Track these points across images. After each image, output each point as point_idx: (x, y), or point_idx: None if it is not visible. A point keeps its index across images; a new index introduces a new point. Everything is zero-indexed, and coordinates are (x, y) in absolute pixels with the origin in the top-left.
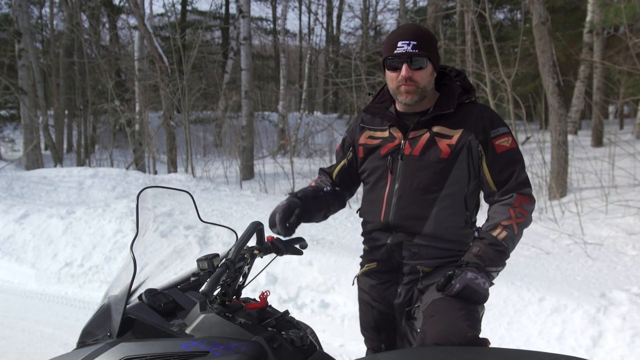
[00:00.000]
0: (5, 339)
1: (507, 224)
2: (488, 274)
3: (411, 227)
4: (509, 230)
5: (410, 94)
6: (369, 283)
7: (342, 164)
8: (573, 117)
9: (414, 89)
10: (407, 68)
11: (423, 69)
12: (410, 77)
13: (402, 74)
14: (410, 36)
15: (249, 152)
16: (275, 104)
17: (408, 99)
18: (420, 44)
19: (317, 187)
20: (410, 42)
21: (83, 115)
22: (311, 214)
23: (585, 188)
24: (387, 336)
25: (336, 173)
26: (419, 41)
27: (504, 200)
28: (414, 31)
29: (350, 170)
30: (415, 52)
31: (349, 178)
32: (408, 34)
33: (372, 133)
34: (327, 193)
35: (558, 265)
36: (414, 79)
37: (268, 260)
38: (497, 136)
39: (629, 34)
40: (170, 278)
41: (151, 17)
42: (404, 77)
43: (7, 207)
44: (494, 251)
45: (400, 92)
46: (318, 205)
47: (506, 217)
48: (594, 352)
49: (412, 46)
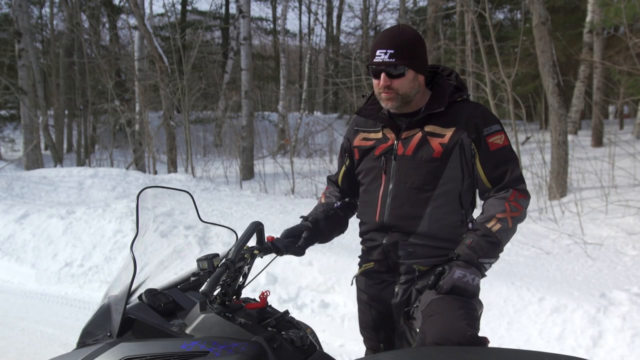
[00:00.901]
0: (5, 339)
1: (502, 217)
2: (480, 266)
3: (406, 226)
4: (503, 223)
5: (391, 101)
6: (367, 283)
7: (343, 169)
8: (573, 117)
9: (394, 95)
10: (384, 77)
11: (402, 77)
12: (388, 85)
13: (380, 84)
14: (387, 44)
15: (249, 152)
16: (275, 104)
17: (388, 105)
18: (398, 52)
19: (327, 204)
20: (387, 51)
21: (83, 115)
22: (324, 234)
23: (585, 188)
24: (385, 336)
25: (340, 179)
26: (396, 49)
27: (499, 194)
28: (393, 38)
29: (351, 174)
30: (392, 62)
31: (353, 182)
32: (386, 42)
33: (365, 135)
34: (337, 209)
35: (558, 265)
36: (393, 87)
37: (268, 260)
38: (490, 134)
39: (629, 34)
40: (170, 278)
41: (151, 17)
42: (382, 86)
43: (7, 207)
44: (487, 243)
45: (381, 98)
46: (331, 224)
47: (501, 209)
48: (594, 352)
49: (389, 55)
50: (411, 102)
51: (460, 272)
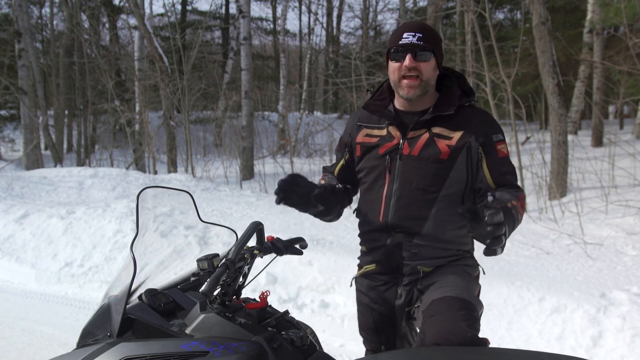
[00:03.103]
0: (5, 339)
1: (514, 205)
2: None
3: (411, 227)
4: (515, 211)
5: (413, 89)
6: (368, 285)
7: (341, 163)
8: (573, 117)
9: (417, 82)
10: (410, 58)
11: (427, 62)
12: (414, 66)
13: (406, 64)
14: (416, 29)
15: (249, 152)
16: (275, 104)
17: (410, 93)
18: (426, 37)
19: (329, 184)
20: (415, 34)
21: (83, 115)
22: (329, 205)
23: (585, 188)
24: (387, 338)
25: (337, 172)
26: (424, 34)
27: (511, 190)
28: (420, 25)
29: (349, 169)
30: (420, 44)
31: (350, 177)
32: (414, 27)
33: (369, 131)
34: (340, 189)
35: (558, 265)
36: (418, 69)
37: (268, 260)
38: (498, 141)
39: (629, 34)
40: (170, 278)
41: (151, 17)
42: (407, 67)
43: (7, 207)
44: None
45: (402, 85)
46: (335, 198)
47: (515, 198)
48: (594, 352)
49: (417, 38)
50: (425, 94)
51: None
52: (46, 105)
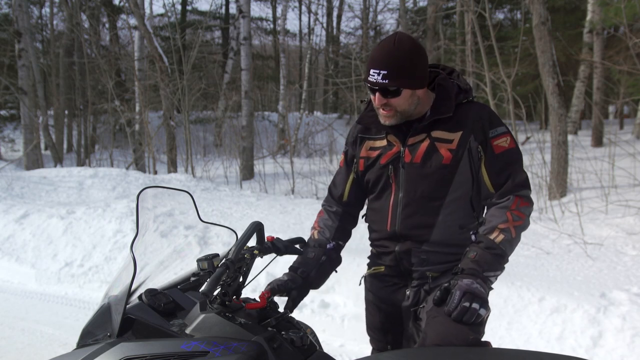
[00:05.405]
0: (5, 339)
1: (504, 227)
2: (485, 279)
3: (418, 235)
4: (507, 234)
5: (389, 118)
6: (377, 285)
7: (351, 178)
8: (573, 117)
9: (392, 113)
10: (379, 97)
11: (398, 96)
12: (385, 103)
13: (376, 104)
14: (380, 64)
15: (249, 152)
16: (275, 104)
17: (388, 122)
18: (391, 72)
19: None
20: (380, 72)
21: (83, 115)
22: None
23: (585, 188)
24: (393, 338)
25: (347, 192)
26: (389, 70)
27: (501, 203)
28: (387, 55)
29: (360, 184)
30: (385, 83)
31: (361, 191)
32: (379, 61)
33: (372, 143)
34: (331, 250)
35: (558, 265)
36: (390, 104)
37: (268, 260)
38: (495, 136)
39: (629, 34)
40: (170, 278)
41: (151, 17)
42: (378, 105)
43: (7, 207)
44: (491, 255)
45: (380, 114)
46: (322, 273)
47: (503, 220)
48: (594, 352)
49: (382, 76)
50: (411, 115)
51: (468, 280)
52: (46, 105)
